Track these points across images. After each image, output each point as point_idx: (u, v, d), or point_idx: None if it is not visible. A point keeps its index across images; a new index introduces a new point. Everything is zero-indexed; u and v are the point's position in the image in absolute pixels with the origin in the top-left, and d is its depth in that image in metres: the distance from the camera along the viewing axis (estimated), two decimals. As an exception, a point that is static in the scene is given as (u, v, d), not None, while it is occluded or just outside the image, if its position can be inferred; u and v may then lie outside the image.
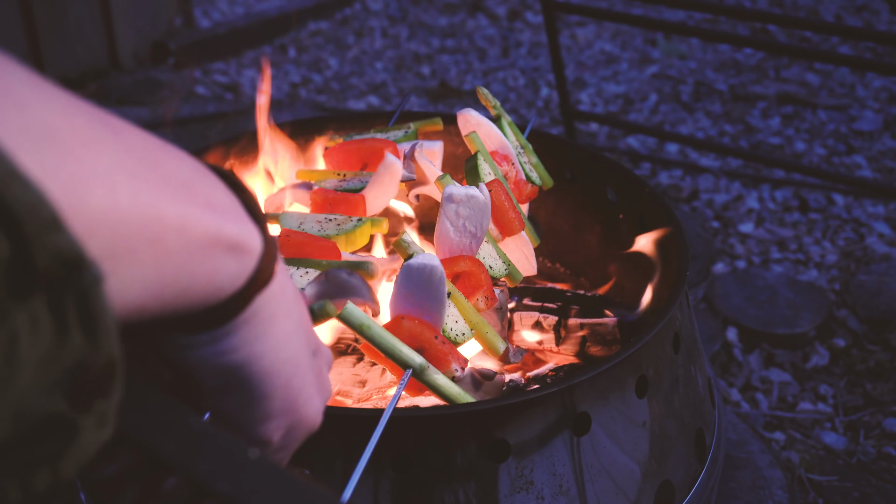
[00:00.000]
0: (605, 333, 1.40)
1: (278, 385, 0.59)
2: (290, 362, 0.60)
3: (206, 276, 0.50)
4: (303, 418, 0.64)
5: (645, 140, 3.24)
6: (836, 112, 3.39)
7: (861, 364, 2.08)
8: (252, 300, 0.54)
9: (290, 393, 0.61)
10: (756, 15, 3.35)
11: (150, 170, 0.45)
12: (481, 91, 1.47)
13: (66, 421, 0.38)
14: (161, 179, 0.46)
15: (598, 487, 1.07)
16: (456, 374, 1.06)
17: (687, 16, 4.34)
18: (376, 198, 1.35)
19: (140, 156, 0.46)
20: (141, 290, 0.45)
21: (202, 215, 0.48)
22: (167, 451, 0.50)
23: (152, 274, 0.45)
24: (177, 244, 0.46)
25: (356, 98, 3.67)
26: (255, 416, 0.60)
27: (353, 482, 0.83)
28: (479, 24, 4.50)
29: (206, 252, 0.49)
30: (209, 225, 0.49)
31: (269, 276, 0.55)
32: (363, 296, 1.05)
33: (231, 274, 0.52)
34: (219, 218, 0.50)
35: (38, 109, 0.39)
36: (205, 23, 4.32)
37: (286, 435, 0.64)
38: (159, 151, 0.48)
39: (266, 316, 0.56)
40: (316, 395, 0.65)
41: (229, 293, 0.53)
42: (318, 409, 0.66)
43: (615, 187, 1.61)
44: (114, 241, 0.42)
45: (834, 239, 2.59)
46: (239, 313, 0.54)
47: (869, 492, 1.70)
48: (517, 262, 1.36)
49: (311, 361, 0.64)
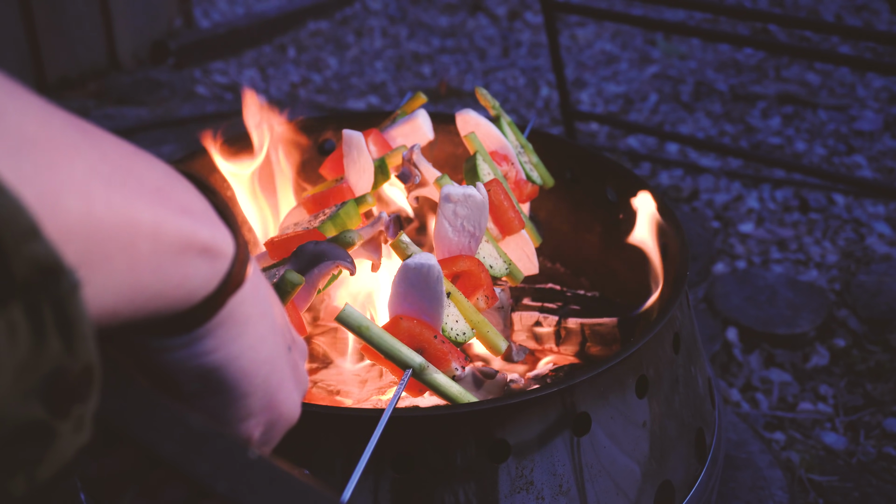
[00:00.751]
0: (605, 333, 1.40)
1: (256, 384, 0.60)
2: (267, 361, 0.60)
3: (179, 280, 0.50)
4: (282, 414, 0.65)
5: (645, 140, 3.24)
6: (837, 112, 3.38)
7: (861, 364, 2.08)
8: (226, 303, 0.55)
9: (268, 390, 0.61)
10: (756, 15, 3.35)
11: (124, 175, 0.46)
12: (480, 91, 1.47)
13: (43, 426, 0.38)
14: (135, 185, 0.46)
15: (598, 487, 1.07)
16: (457, 374, 1.06)
17: (687, 16, 4.34)
18: (358, 178, 1.36)
19: (114, 162, 0.46)
20: (115, 296, 0.46)
21: (176, 220, 0.49)
22: (167, 451, 0.50)
23: (126, 279, 0.46)
24: (150, 249, 0.47)
25: (356, 98, 3.67)
26: (234, 416, 0.61)
27: (353, 482, 0.83)
28: (479, 24, 4.50)
29: (179, 256, 0.49)
30: (182, 229, 0.49)
31: (241, 279, 0.55)
32: (336, 258, 1.06)
33: (204, 277, 0.52)
34: (192, 222, 0.50)
35: (14, 117, 0.39)
36: (205, 23, 4.32)
37: (266, 431, 0.65)
38: (133, 157, 0.49)
39: (240, 317, 0.57)
40: (294, 389, 0.66)
41: (202, 296, 0.53)
42: (296, 402, 0.66)
43: (615, 187, 1.61)
44: (88, 246, 0.42)
45: (834, 239, 2.59)
46: (212, 316, 0.54)
47: (869, 492, 1.70)
48: (518, 262, 1.36)
49: (287, 357, 0.64)
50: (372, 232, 1.24)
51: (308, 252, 1.10)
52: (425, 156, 1.49)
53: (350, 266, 1.10)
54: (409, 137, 1.49)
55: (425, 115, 1.50)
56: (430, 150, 1.78)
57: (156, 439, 0.50)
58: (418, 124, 1.49)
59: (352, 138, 1.36)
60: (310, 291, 1.10)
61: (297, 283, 1.02)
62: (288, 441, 0.68)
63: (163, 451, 0.50)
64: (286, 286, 1.02)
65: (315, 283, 1.10)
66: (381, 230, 1.24)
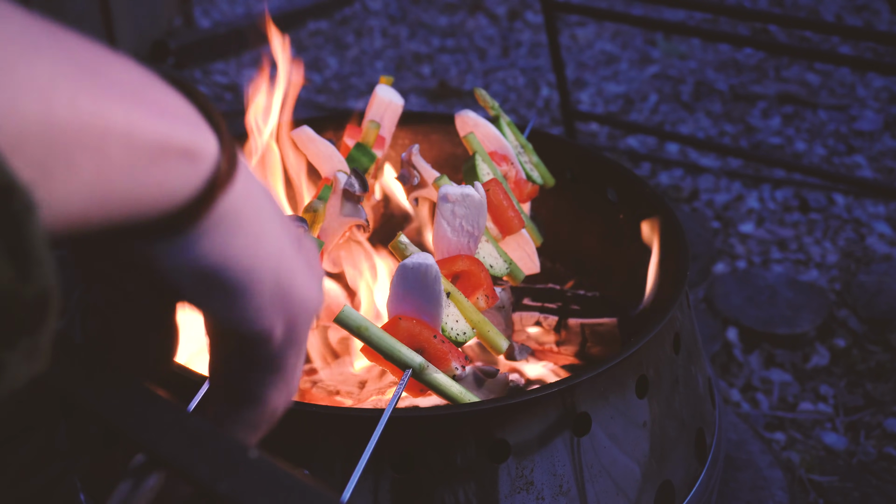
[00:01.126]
0: (605, 333, 1.40)
1: (264, 279, 0.57)
2: (273, 256, 0.58)
3: (156, 184, 0.48)
4: (301, 305, 0.61)
5: (645, 140, 3.24)
6: (837, 112, 3.39)
7: (861, 364, 2.08)
8: (213, 203, 0.52)
9: (279, 284, 0.59)
10: (756, 15, 3.35)
11: (93, 76, 0.44)
12: (479, 92, 1.47)
13: None
14: (105, 85, 0.44)
15: (598, 488, 1.07)
16: (457, 373, 1.06)
17: (687, 16, 4.34)
18: (327, 165, 1.36)
19: (84, 63, 0.44)
20: (82, 201, 0.43)
21: (150, 121, 0.46)
22: (167, 451, 0.50)
23: (95, 183, 0.43)
24: (122, 152, 0.44)
25: (356, 98, 3.67)
26: (246, 314, 0.58)
27: (353, 482, 0.83)
28: (479, 24, 4.50)
29: (155, 158, 0.47)
30: (158, 130, 0.47)
31: (228, 178, 0.53)
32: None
33: (185, 179, 0.50)
34: (168, 123, 0.48)
35: None
36: (205, 23, 4.32)
37: (289, 328, 0.61)
38: (106, 58, 0.46)
39: (235, 216, 0.54)
40: (309, 279, 0.62)
41: (186, 199, 0.51)
42: (314, 291, 0.63)
43: (615, 187, 1.61)
44: (50, 151, 0.40)
45: (834, 239, 2.59)
46: (201, 218, 0.52)
47: (869, 492, 1.70)
48: (519, 261, 1.36)
49: (296, 249, 0.62)
50: (338, 196, 1.24)
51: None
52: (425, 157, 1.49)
53: (302, 225, 1.11)
54: (381, 115, 1.49)
55: (384, 88, 1.51)
56: (430, 151, 1.78)
57: (156, 439, 0.50)
58: (380, 99, 1.50)
59: (300, 135, 1.36)
60: None
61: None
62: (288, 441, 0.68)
63: (163, 451, 0.50)
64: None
65: None
66: (345, 189, 1.24)
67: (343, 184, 1.25)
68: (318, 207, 1.19)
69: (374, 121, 1.43)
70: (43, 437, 1.50)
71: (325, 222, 1.25)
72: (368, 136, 1.41)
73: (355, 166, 1.37)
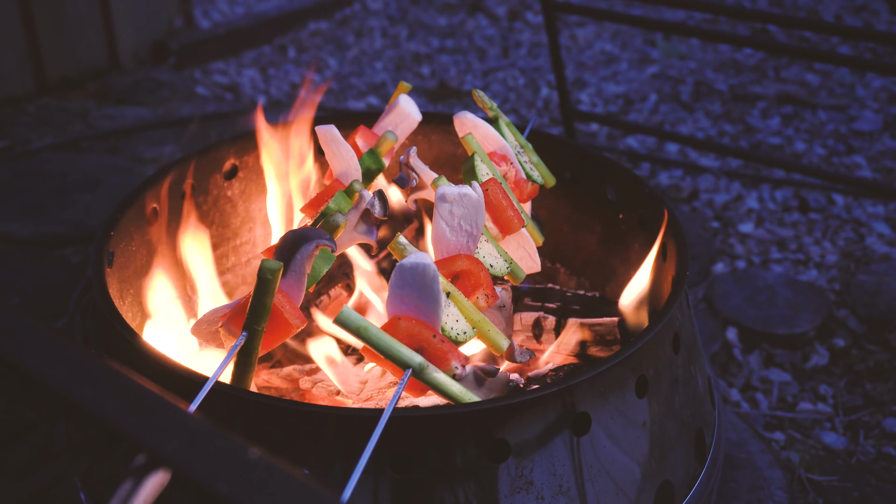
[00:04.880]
0: (605, 333, 1.40)
1: None
2: None
3: None
4: None
5: (645, 140, 3.24)
6: (836, 112, 3.39)
7: (861, 364, 2.08)
8: None
9: None
10: (756, 15, 3.36)
11: None
12: (477, 94, 1.48)
13: None
14: None
15: (597, 487, 1.07)
16: (457, 372, 1.06)
17: (687, 16, 4.34)
18: (343, 168, 1.36)
19: None
20: None
21: None
22: (167, 451, 0.50)
23: None
24: None
25: (356, 98, 3.67)
26: None
27: (353, 482, 0.83)
28: (479, 24, 4.50)
29: None
30: None
31: None
32: (316, 237, 1.08)
33: None
34: None
35: None
36: (205, 23, 4.32)
37: None
38: None
39: None
40: None
41: None
42: None
43: (615, 187, 1.61)
44: None
45: (834, 239, 2.59)
46: None
47: (869, 492, 1.70)
48: (520, 261, 1.36)
49: None
50: (358, 213, 1.24)
51: (289, 239, 1.11)
52: (423, 158, 1.49)
53: (330, 244, 1.11)
54: (397, 124, 1.49)
55: (407, 99, 1.51)
56: (430, 152, 1.78)
57: (156, 439, 0.50)
58: (401, 109, 1.49)
59: (325, 133, 1.36)
60: (299, 280, 1.10)
61: (275, 268, 1.02)
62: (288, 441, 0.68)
63: (163, 451, 0.50)
64: (265, 274, 1.02)
65: (301, 269, 1.10)
66: (366, 209, 1.25)
67: (366, 203, 1.25)
68: (340, 222, 1.19)
69: (393, 132, 1.43)
70: (43, 437, 1.50)
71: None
72: (384, 145, 1.41)
73: (364, 168, 1.37)
